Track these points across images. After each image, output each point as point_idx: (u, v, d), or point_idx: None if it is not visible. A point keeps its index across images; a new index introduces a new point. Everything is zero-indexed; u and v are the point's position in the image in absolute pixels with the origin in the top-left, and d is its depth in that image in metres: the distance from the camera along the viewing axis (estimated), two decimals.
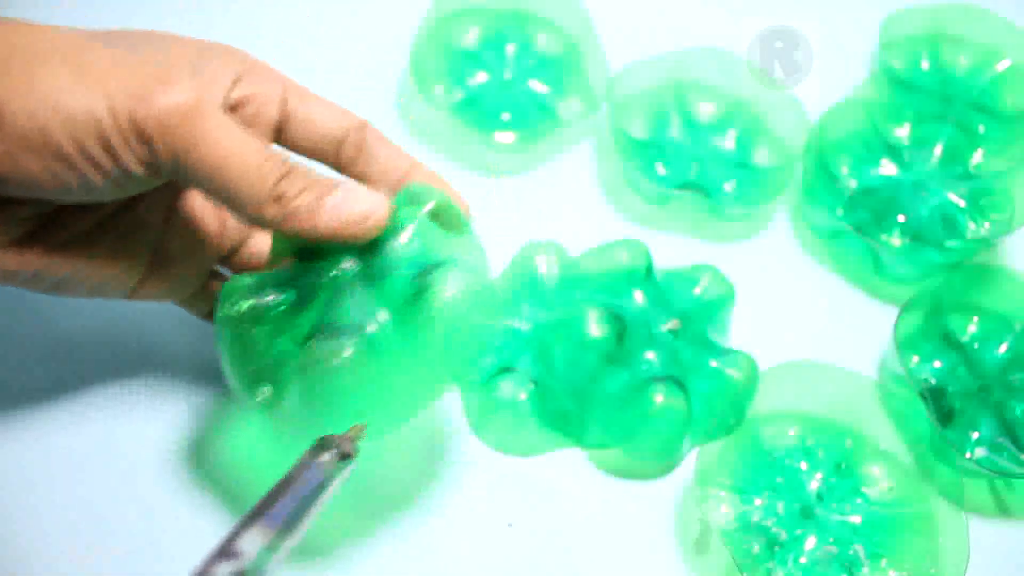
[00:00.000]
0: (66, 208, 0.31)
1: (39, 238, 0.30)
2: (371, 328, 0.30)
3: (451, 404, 0.39)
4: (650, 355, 0.38)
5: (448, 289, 0.30)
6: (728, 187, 0.45)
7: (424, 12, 0.48)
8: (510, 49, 0.48)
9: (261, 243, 0.37)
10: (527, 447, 0.38)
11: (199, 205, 0.35)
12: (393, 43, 0.49)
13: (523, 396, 0.38)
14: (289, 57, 0.40)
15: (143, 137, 0.28)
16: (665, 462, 0.38)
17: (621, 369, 0.37)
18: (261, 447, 0.38)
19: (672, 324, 0.39)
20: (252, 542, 0.25)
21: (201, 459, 0.37)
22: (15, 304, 0.40)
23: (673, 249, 0.44)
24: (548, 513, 0.37)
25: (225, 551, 0.24)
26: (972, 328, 0.41)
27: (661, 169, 0.45)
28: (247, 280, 0.32)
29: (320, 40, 0.50)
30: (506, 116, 0.46)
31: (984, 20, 0.49)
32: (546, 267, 0.40)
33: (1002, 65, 0.48)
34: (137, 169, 0.28)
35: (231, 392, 0.32)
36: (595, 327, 0.37)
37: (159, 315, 0.40)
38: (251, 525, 0.25)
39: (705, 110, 0.48)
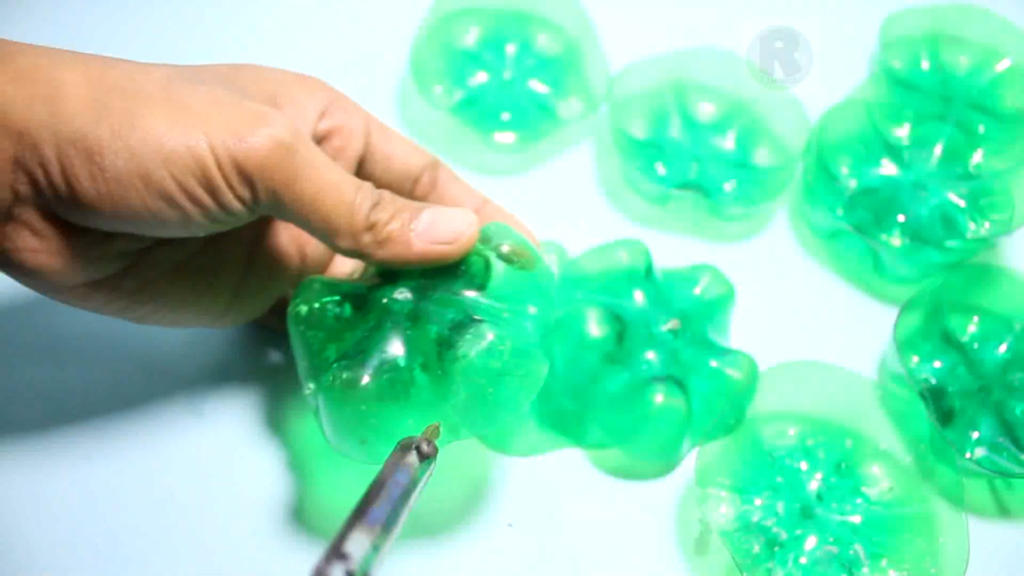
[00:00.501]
0: (154, 246, 0.32)
1: (130, 274, 0.31)
2: (394, 360, 0.31)
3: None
4: (650, 355, 0.38)
5: (471, 350, 0.31)
6: (728, 187, 0.45)
7: (424, 12, 0.48)
8: (510, 49, 0.49)
9: (340, 270, 0.38)
10: (527, 447, 0.38)
11: (281, 241, 0.36)
12: (393, 43, 0.49)
13: None
14: (289, 57, 0.40)
15: (243, 175, 0.29)
16: (665, 462, 0.38)
17: (621, 369, 0.37)
18: (261, 445, 0.38)
19: (672, 324, 0.39)
20: (359, 543, 0.25)
21: (201, 457, 0.37)
22: (15, 303, 0.40)
23: (673, 249, 0.44)
24: (548, 513, 0.37)
25: (336, 552, 0.25)
26: (972, 328, 0.41)
27: (661, 169, 0.45)
28: (319, 282, 0.33)
29: (320, 40, 0.50)
30: (506, 116, 0.46)
31: (984, 20, 0.49)
32: None
33: (1002, 65, 0.48)
34: (236, 206, 0.29)
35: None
36: (595, 327, 0.37)
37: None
38: (356, 526, 0.26)
39: (705, 110, 0.48)
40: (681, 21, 0.53)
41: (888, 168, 0.45)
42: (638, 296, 0.39)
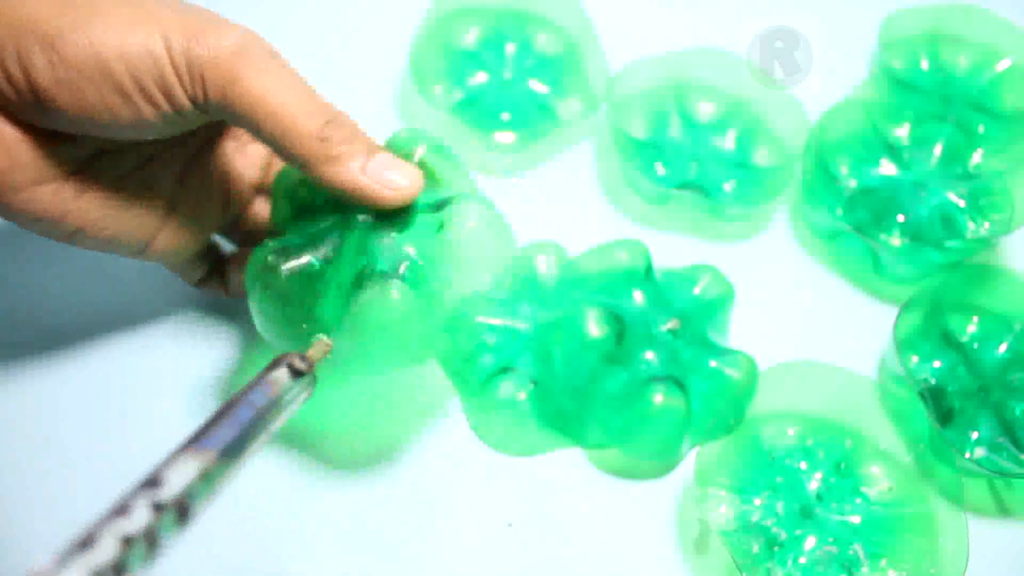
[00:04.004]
0: (101, 154, 0.32)
1: (77, 180, 0.32)
2: (404, 268, 0.32)
3: (451, 404, 0.39)
4: (650, 355, 0.38)
5: (468, 219, 0.32)
6: (728, 187, 0.45)
7: (424, 12, 0.48)
8: (510, 49, 0.49)
9: (260, 212, 0.39)
10: (527, 447, 0.38)
11: (210, 170, 0.36)
12: (393, 43, 0.49)
13: (523, 396, 0.38)
14: (289, 57, 0.40)
15: (196, 73, 0.29)
16: (665, 462, 0.38)
17: (621, 369, 0.37)
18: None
19: (672, 324, 0.39)
20: (183, 470, 0.22)
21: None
22: (15, 303, 0.40)
23: (673, 249, 0.44)
24: (548, 513, 0.37)
25: (149, 479, 0.22)
26: (972, 328, 0.41)
27: (661, 169, 0.45)
28: (273, 245, 0.33)
29: (320, 40, 0.50)
30: (506, 116, 0.46)
31: (984, 20, 0.49)
32: (546, 267, 0.40)
33: (1002, 65, 0.48)
34: (186, 103, 0.30)
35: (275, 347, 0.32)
36: (594, 327, 0.37)
37: (157, 306, 0.40)
38: (183, 453, 0.23)
39: (705, 110, 0.48)
40: (681, 21, 0.53)
41: (888, 168, 0.45)
42: (638, 296, 0.39)
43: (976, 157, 0.45)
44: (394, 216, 0.33)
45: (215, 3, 0.50)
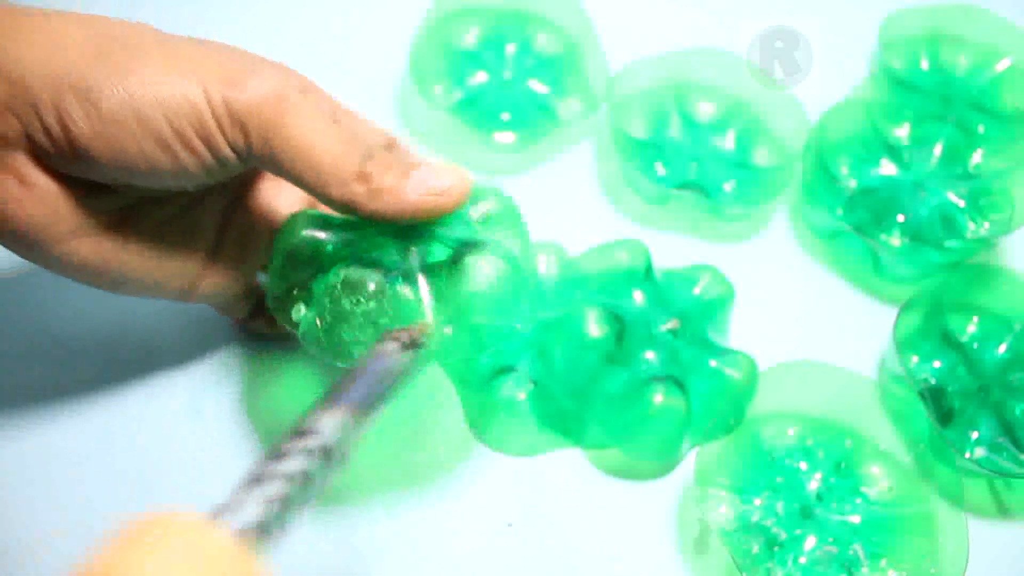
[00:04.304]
0: (141, 203, 0.32)
1: (117, 230, 0.31)
2: (394, 273, 0.31)
3: (451, 404, 0.39)
4: (649, 355, 0.38)
5: (483, 268, 0.31)
6: (728, 187, 0.45)
7: (424, 12, 0.48)
8: (510, 49, 0.48)
9: None
10: (527, 447, 0.38)
11: (250, 210, 0.36)
12: (393, 43, 0.49)
13: (523, 396, 0.38)
14: (288, 57, 0.40)
15: (236, 121, 0.29)
16: (664, 462, 0.38)
17: (620, 369, 0.37)
18: (261, 445, 0.38)
19: (672, 324, 0.39)
20: (325, 421, 0.25)
21: (201, 456, 0.37)
22: (15, 303, 0.40)
23: (673, 249, 0.44)
24: (548, 513, 0.37)
25: (299, 430, 0.24)
26: (972, 328, 0.41)
27: (661, 169, 0.45)
28: (313, 213, 0.33)
29: (320, 40, 0.50)
30: (506, 116, 0.46)
31: (984, 20, 0.49)
32: (546, 267, 0.40)
33: (1002, 65, 0.48)
34: (228, 153, 0.30)
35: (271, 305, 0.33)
36: (594, 327, 0.37)
37: (159, 316, 0.40)
38: (326, 407, 0.25)
39: (705, 110, 0.48)
40: (681, 21, 0.53)
41: (888, 168, 0.45)
42: (638, 296, 0.39)
43: (976, 157, 0.45)
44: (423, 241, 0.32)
45: (217, 3, 0.50)
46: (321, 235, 0.33)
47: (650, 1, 0.53)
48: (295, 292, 0.33)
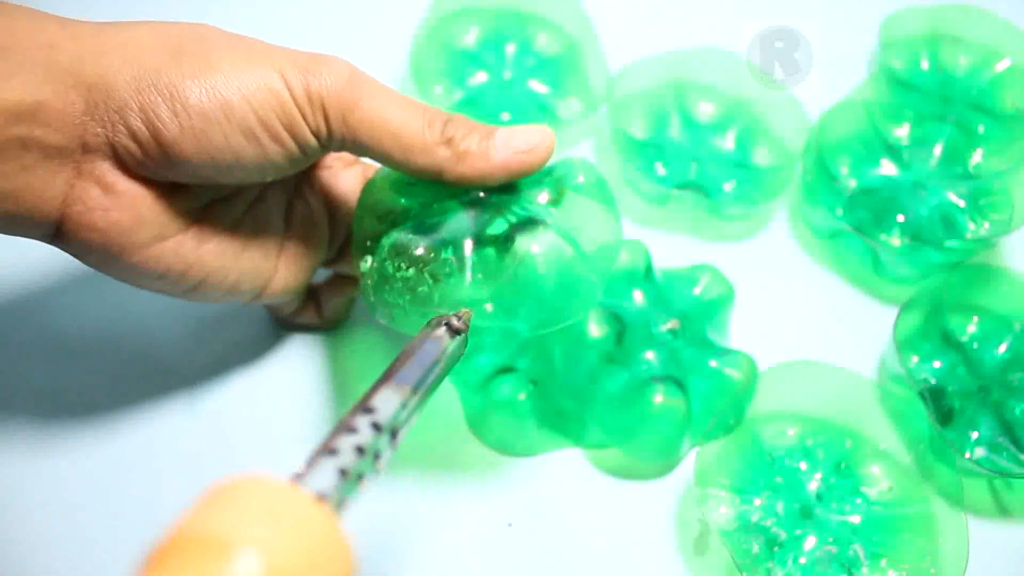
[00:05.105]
0: (212, 204, 0.32)
1: (196, 232, 0.32)
2: (450, 242, 0.32)
3: (452, 404, 0.39)
4: (649, 355, 0.38)
5: (530, 248, 0.31)
6: (728, 187, 0.45)
7: (424, 12, 0.48)
8: (510, 49, 0.49)
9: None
10: (527, 447, 0.38)
11: (311, 202, 0.36)
12: (393, 43, 0.49)
13: (522, 396, 0.38)
14: None
15: (317, 105, 0.30)
16: (664, 462, 0.38)
17: (620, 369, 0.37)
18: (261, 444, 0.38)
19: (672, 324, 0.39)
20: (387, 399, 0.26)
21: (201, 456, 0.37)
22: (15, 303, 0.40)
23: (673, 249, 0.44)
24: (548, 513, 0.37)
25: (364, 407, 0.25)
26: (972, 328, 0.41)
27: (661, 169, 0.45)
28: (395, 174, 0.34)
29: (320, 40, 0.50)
30: (506, 116, 0.46)
31: (984, 20, 0.49)
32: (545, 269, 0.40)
33: (1002, 65, 0.48)
34: (310, 139, 0.30)
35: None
36: (594, 327, 0.37)
37: (159, 316, 0.40)
38: (385, 384, 0.26)
39: (705, 110, 0.48)
40: (681, 21, 0.53)
41: (888, 168, 0.45)
42: (638, 296, 0.39)
43: (976, 157, 0.45)
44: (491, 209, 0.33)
45: (217, 3, 0.50)
46: (397, 195, 0.34)
47: (650, 1, 0.53)
48: (368, 243, 0.34)
